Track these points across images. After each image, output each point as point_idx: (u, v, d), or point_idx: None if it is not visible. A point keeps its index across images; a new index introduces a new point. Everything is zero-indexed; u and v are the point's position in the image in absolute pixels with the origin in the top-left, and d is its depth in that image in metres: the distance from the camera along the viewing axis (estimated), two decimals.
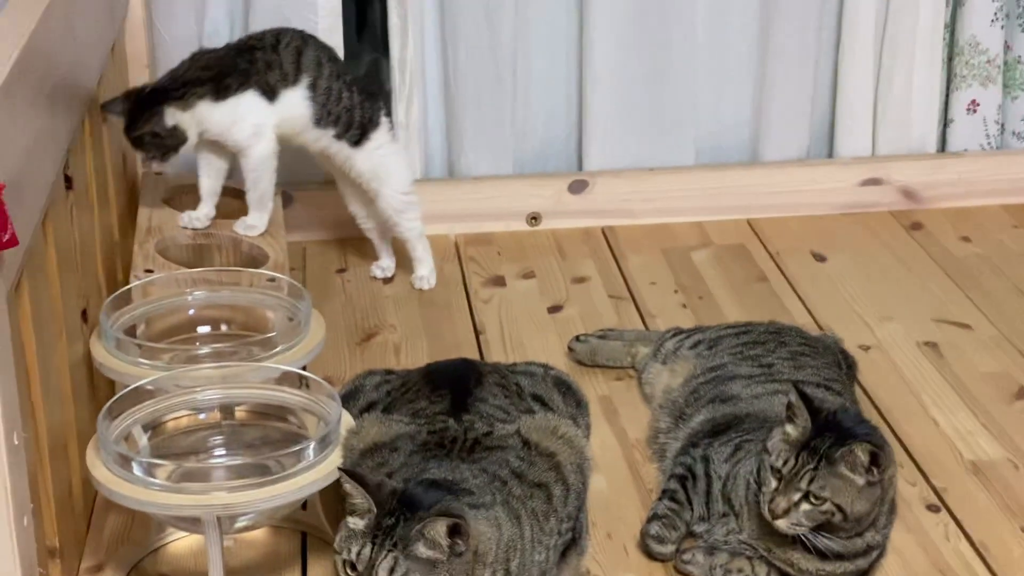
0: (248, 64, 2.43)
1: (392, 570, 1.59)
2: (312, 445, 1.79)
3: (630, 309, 2.64)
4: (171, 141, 2.38)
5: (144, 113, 2.36)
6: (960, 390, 2.34)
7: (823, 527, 1.80)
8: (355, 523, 1.64)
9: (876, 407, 2.29)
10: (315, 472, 1.78)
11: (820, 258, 2.83)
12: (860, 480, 1.78)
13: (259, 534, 1.98)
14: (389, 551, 1.60)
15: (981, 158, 3.02)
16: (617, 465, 2.16)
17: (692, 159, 3.03)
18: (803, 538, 1.80)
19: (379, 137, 2.55)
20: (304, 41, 2.49)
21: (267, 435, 1.96)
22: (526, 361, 2.13)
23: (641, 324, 2.58)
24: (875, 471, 1.79)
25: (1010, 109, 3.05)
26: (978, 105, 3.01)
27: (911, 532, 1.99)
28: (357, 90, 2.54)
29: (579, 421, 1.99)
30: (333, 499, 1.91)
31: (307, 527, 1.99)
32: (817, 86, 3.02)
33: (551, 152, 3.05)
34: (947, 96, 3.04)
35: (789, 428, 1.82)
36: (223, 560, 1.75)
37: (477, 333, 2.55)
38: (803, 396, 1.82)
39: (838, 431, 1.80)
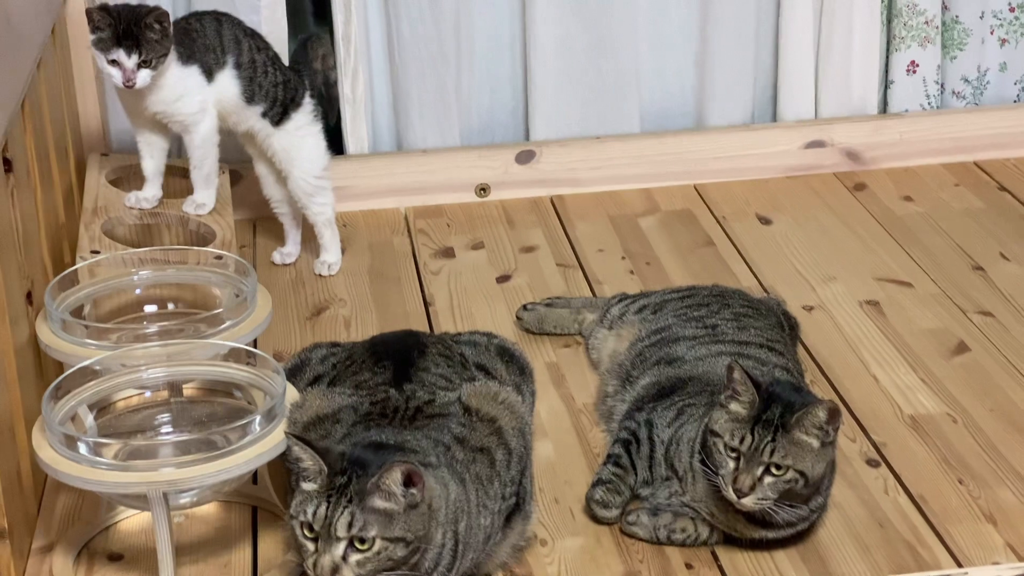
0: (191, 43, 2.44)
1: (350, 525, 1.62)
2: (257, 419, 1.81)
3: (578, 277, 2.67)
4: (164, 47, 2.36)
5: (152, 7, 2.35)
6: (900, 347, 2.38)
7: (784, 496, 1.83)
8: (308, 487, 1.67)
9: (818, 366, 2.33)
10: (261, 445, 1.80)
11: (765, 221, 2.86)
12: (815, 443, 1.81)
13: (210, 509, 2.00)
14: (345, 507, 1.63)
15: (922, 118, 3.06)
16: (564, 431, 2.19)
17: (638, 127, 3.05)
18: (768, 511, 1.82)
19: (300, 118, 2.56)
20: (219, 21, 2.50)
21: (215, 411, 1.98)
22: (470, 331, 2.15)
23: (589, 292, 2.60)
24: (830, 431, 1.82)
25: (949, 69, 3.09)
26: (917, 66, 3.05)
27: (851, 487, 2.03)
28: (281, 67, 2.56)
29: (523, 389, 2.01)
30: (282, 473, 1.94)
31: (257, 501, 2.01)
32: (759, 51, 3.05)
33: (498, 123, 3.07)
34: (887, 58, 3.07)
35: (734, 406, 1.84)
36: (171, 536, 1.77)
37: (427, 304, 2.57)
38: (745, 372, 1.85)
39: (782, 401, 1.83)
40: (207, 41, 2.45)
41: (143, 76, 2.35)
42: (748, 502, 1.81)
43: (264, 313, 2.09)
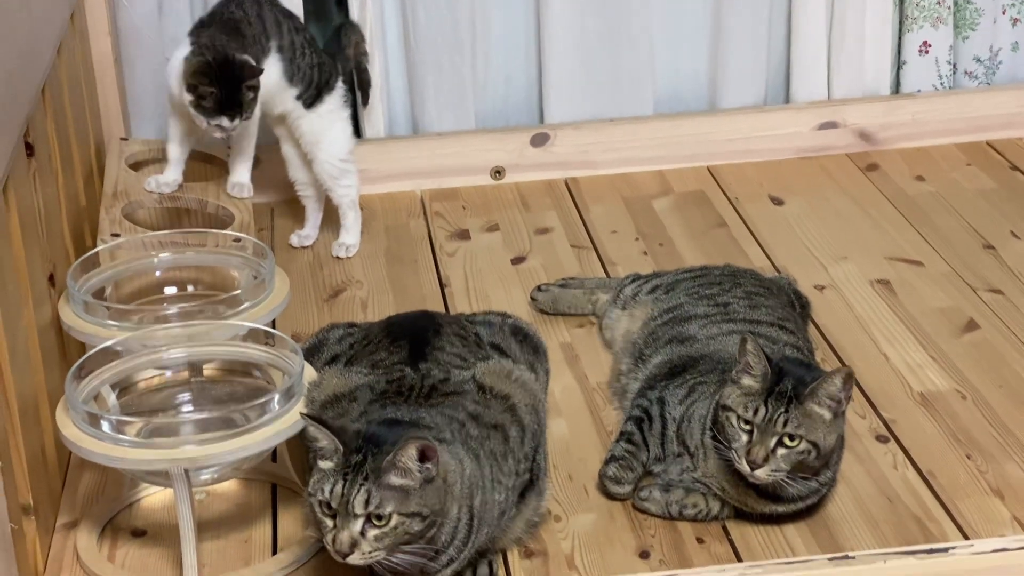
0: (242, 37, 2.47)
1: (367, 502, 1.65)
2: (276, 397, 1.85)
3: (592, 258, 2.69)
4: (257, 100, 2.42)
5: (249, 68, 2.38)
6: (911, 325, 2.40)
7: (795, 469, 1.85)
8: (325, 465, 1.70)
9: (830, 344, 2.35)
10: (279, 424, 1.84)
11: (778, 202, 2.88)
12: (828, 414, 1.84)
13: (230, 487, 2.04)
14: (361, 484, 1.66)
15: (934, 98, 3.08)
16: (578, 409, 2.22)
17: (651, 110, 3.07)
18: (780, 484, 1.85)
19: (332, 101, 2.60)
20: (259, 3, 2.53)
21: (234, 391, 2.02)
22: (485, 311, 2.18)
23: (603, 272, 2.63)
24: (843, 399, 1.85)
25: (961, 49, 3.10)
26: (930, 46, 3.06)
27: (860, 462, 2.06)
28: (317, 49, 2.59)
29: (537, 367, 2.04)
30: (301, 451, 1.98)
31: (277, 479, 2.05)
32: (771, 33, 3.07)
33: (512, 106, 3.09)
34: (899, 38, 3.09)
35: (746, 380, 1.87)
36: (193, 512, 1.81)
37: (442, 286, 2.61)
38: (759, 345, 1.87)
39: (793, 376, 1.86)
40: (254, 31, 2.49)
41: (237, 125, 2.41)
42: (761, 474, 1.84)
43: (282, 294, 2.12)
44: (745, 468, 1.84)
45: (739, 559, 1.87)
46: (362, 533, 1.66)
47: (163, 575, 1.89)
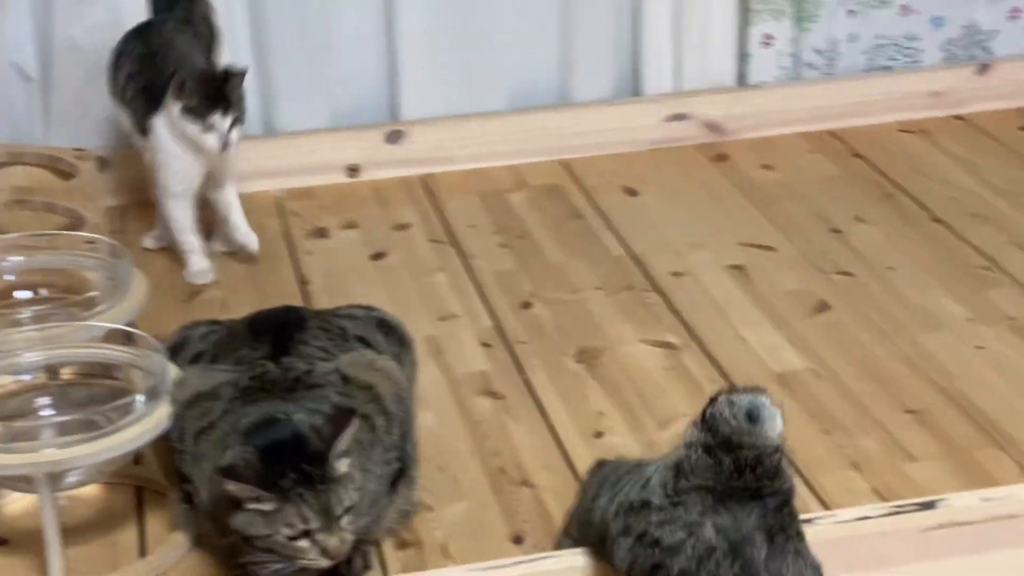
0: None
1: (341, 501, 1.68)
2: (140, 398, 1.82)
3: (451, 253, 2.70)
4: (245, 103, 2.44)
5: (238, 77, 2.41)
6: (765, 308, 2.46)
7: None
8: (259, 507, 1.67)
9: (689, 330, 2.40)
10: (145, 423, 1.81)
11: (632, 192, 2.93)
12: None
13: (93, 492, 2.00)
14: (323, 492, 1.66)
15: (777, 89, 3.16)
16: (445, 401, 2.22)
17: (504, 104, 3.10)
18: None
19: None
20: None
21: (95, 393, 1.97)
22: (349, 305, 2.18)
23: (462, 266, 2.64)
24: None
25: (802, 40, 3.19)
26: (772, 38, 3.15)
27: None
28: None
29: (403, 359, 2.04)
30: (166, 452, 1.95)
31: (141, 481, 2.01)
32: (619, 26, 3.11)
33: (366, 104, 3.09)
34: (743, 31, 3.16)
35: None
36: (57, 517, 1.77)
37: (302, 284, 2.59)
38: None
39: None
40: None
41: (234, 136, 2.39)
42: None
43: (140, 295, 2.09)
44: None
45: None
46: (341, 527, 1.68)
47: None
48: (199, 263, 2.58)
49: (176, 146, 2.45)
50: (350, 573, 1.79)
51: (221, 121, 2.39)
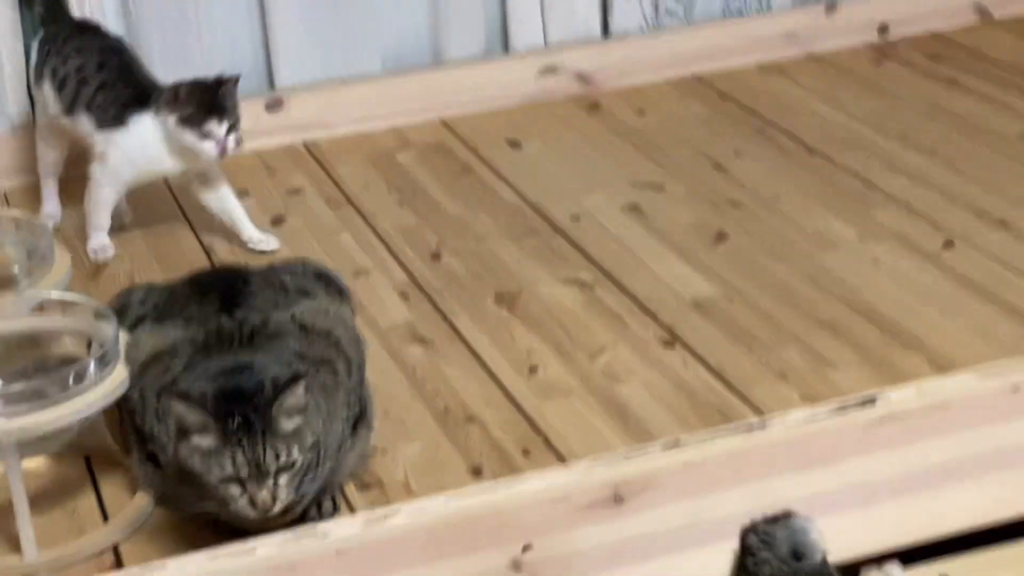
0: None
1: (277, 456, 1.68)
2: (92, 363, 1.81)
3: (352, 213, 2.72)
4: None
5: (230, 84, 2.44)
6: (668, 242, 2.55)
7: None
8: (203, 441, 1.69)
9: (599, 267, 2.47)
10: (99, 390, 1.80)
11: (515, 145, 2.99)
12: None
13: (40, 465, 1.97)
14: (263, 443, 1.67)
15: (642, 38, 3.26)
16: (376, 352, 2.23)
17: (379, 67, 3.12)
18: None
19: None
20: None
21: (42, 364, 1.95)
22: (284, 260, 2.19)
23: (365, 224, 2.67)
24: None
25: None
26: None
27: (654, 367, 2.18)
28: None
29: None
30: (117, 417, 1.93)
31: (88, 451, 1.99)
32: None
33: (242, 74, 3.06)
34: None
35: None
36: (23, 484, 1.75)
37: (208, 253, 2.58)
38: None
39: None
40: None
41: (231, 142, 2.38)
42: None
43: (63, 269, 2.07)
44: None
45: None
46: (275, 483, 1.68)
47: None
48: (101, 239, 2.55)
49: (144, 153, 2.46)
50: (320, 515, 1.81)
51: (217, 128, 2.40)
